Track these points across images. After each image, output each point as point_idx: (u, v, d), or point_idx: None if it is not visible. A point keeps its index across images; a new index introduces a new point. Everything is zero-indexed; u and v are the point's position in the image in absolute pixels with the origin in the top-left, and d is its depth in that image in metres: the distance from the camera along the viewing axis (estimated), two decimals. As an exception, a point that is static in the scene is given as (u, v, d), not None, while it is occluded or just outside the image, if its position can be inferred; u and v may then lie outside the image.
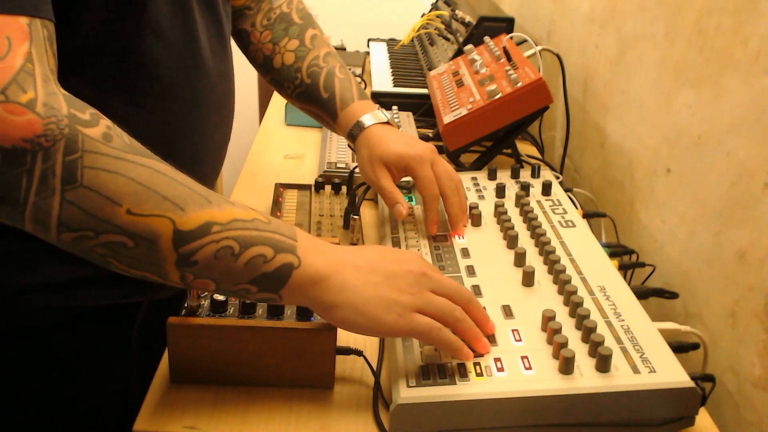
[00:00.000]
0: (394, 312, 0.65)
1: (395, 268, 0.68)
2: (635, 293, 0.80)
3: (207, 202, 0.61)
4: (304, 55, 1.01)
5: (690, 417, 0.69)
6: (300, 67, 1.00)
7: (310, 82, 0.99)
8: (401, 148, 0.91)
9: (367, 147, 0.93)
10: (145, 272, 0.61)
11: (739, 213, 0.84)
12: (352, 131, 0.95)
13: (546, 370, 0.68)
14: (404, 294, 0.66)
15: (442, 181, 0.90)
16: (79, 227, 0.57)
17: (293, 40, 1.02)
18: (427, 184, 0.90)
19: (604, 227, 1.13)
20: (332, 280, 0.65)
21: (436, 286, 0.68)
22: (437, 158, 0.92)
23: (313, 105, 1.00)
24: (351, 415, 0.70)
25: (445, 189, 0.90)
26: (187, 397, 0.70)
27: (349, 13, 2.58)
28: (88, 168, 0.57)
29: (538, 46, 1.34)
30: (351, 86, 0.99)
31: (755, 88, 0.82)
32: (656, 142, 1.06)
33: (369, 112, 0.96)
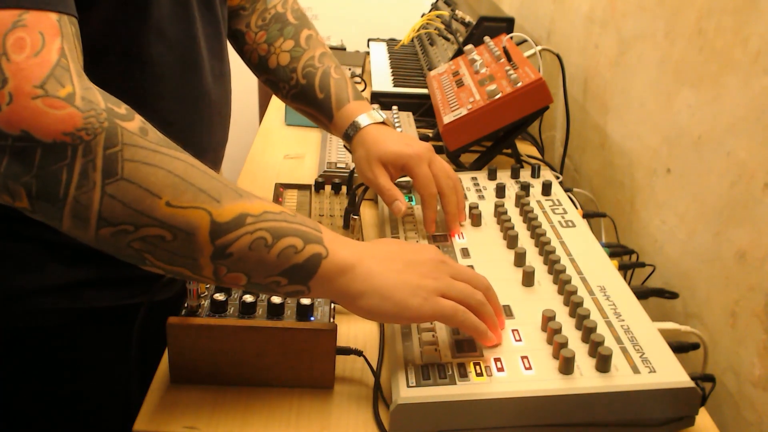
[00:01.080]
0: (419, 296, 0.66)
1: (415, 256, 0.69)
2: (635, 293, 0.80)
3: (239, 195, 0.62)
4: (299, 55, 1.00)
5: (690, 417, 0.69)
6: (295, 68, 1.00)
7: (305, 82, 0.99)
8: (399, 147, 0.91)
9: (364, 147, 0.93)
10: (180, 267, 0.61)
11: (739, 213, 0.84)
12: (348, 131, 0.95)
13: (546, 370, 0.68)
14: (427, 278, 0.67)
15: (440, 180, 0.90)
16: (120, 221, 0.57)
17: (288, 40, 1.01)
18: (425, 182, 0.90)
19: (604, 227, 1.13)
20: (358, 269, 0.65)
21: (456, 272, 0.70)
22: (435, 157, 0.92)
23: (309, 105, 1.00)
24: (351, 415, 0.70)
25: (443, 187, 0.90)
26: (187, 397, 0.70)
27: (349, 13, 2.58)
28: (128, 161, 0.57)
29: (538, 46, 1.34)
30: (347, 86, 0.99)
31: (755, 88, 0.82)
32: (656, 142, 1.07)
33: (365, 112, 0.96)
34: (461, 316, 0.67)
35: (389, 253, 0.69)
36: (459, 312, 0.67)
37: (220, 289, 0.73)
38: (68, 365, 0.85)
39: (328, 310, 0.73)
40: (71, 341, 0.84)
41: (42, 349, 0.83)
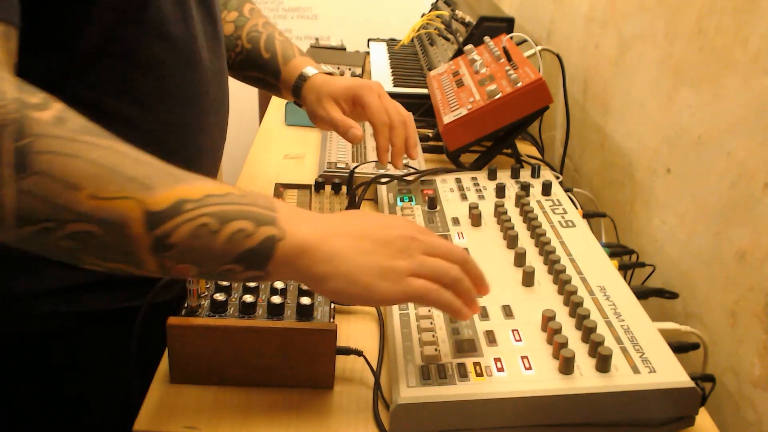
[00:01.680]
0: (389, 279, 0.62)
1: (385, 233, 0.65)
2: (635, 293, 0.80)
3: (177, 180, 0.58)
4: (243, 23, 1.02)
5: (690, 417, 0.69)
6: (240, 35, 1.02)
7: (250, 47, 1.01)
8: (348, 81, 0.94)
9: (314, 91, 0.95)
10: (120, 263, 0.57)
11: (739, 213, 0.84)
12: (297, 83, 0.97)
13: (546, 370, 0.68)
14: (396, 259, 0.63)
15: (390, 112, 0.92)
16: (40, 218, 0.53)
17: (232, 12, 1.03)
18: (375, 110, 0.92)
19: (604, 227, 1.13)
20: (320, 250, 0.61)
21: (429, 247, 0.65)
22: (384, 92, 0.95)
23: (255, 69, 1.01)
24: (351, 415, 0.70)
25: (392, 120, 0.92)
26: (187, 397, 0.70)
27: (349, 13, 2.58)
28: (41, 153, 0.53)
29: (538, 46, 1.34)
30: (291, 46, 1.01)
31: (755, 88, 0.82)
32: (656, 142, 1.07)
33: (311, 65, 0.98)
34: (434, 296, 0.63)
35: (357, 230, 0.64)
36: (432, 291, 0.63)
37: (220, 288, 0.73)
38: (68, 367, 0.85)
39: (328, 310, 0.73)
40: (71, 344, 0.84)
41: (41, 351, 0.83)
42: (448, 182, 1.08)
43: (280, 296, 0.72)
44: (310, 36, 2.55)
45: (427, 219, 0.97)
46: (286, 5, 2.58)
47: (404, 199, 1.03)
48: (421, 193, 1.04)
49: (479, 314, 0.76)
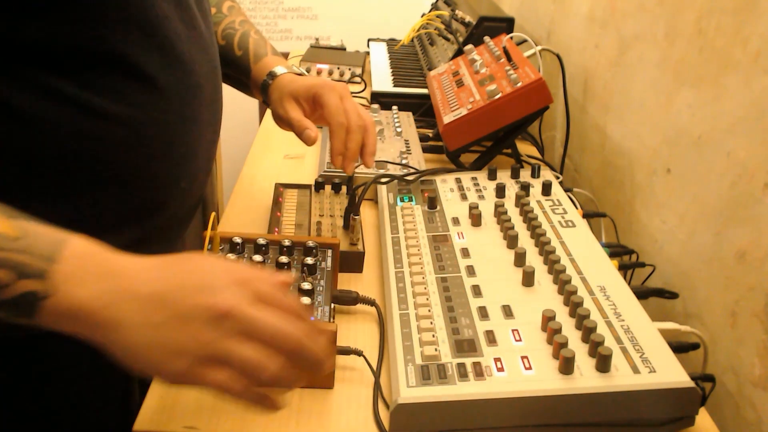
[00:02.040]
0: (182, 362, 0.51)
1: (192, 301, 0.52)
2: (635, 293, 0.80)
3: None
4: (219, 20, 1.00)
5: (690, 417, 0.69)
6: (216, 31, 0.99)
7: (224, 43, 0.99)
8: (312, 81, 0.91)
9: (278, 89, 0.93)
10: None
11: (739, 213, 0.84)
12: (265, 81, 0.94)
13: (546, 370, 0.68)
14: (195, 340, 0.52)
15: (350, 115, 0.88)
16: None
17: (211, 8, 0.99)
18: (333, 110, 0.88)
19: (604, 227, 1.13)
20: (98, 316, 0.52)
21: (248, 327, 0.52)
22: (348, 95, 0.91)
23: (227, 66, 0.98)
24: (351, 415, 0.70)
25: (351, 122, 0.88)
26: (187, 397, 0.70)
27: (349, 13, 2.58)
28: None
29: (538, 46, 1.34)
30: (265, 44, 0.98)
31: (755, 88, 0.82)
32: (656, 142, 1.06)
33: (282, 65, 0.95)
34: (235, 395, 0.53)
35: (159, 294, 0.53)
36: (234, 390, 0.52)
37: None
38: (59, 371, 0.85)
39: (329, 310, 0.73)
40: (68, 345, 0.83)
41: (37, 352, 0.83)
42: (448, 182, 1.08)
43: (280, 296, 0.71)
44: (310, 36, 2.55)
45: (427, 219, 0.97)
46: (286, 5, 2.57)
47: (404, 199, 1.03)
48: (421, 193, 1.04)
49: (479, 314, 0.76)
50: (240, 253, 0.81)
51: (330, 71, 1.76)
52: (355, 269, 0.93)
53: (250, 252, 0.82)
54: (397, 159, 1.19)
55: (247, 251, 0.82)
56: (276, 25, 2.59)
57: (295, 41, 2.58)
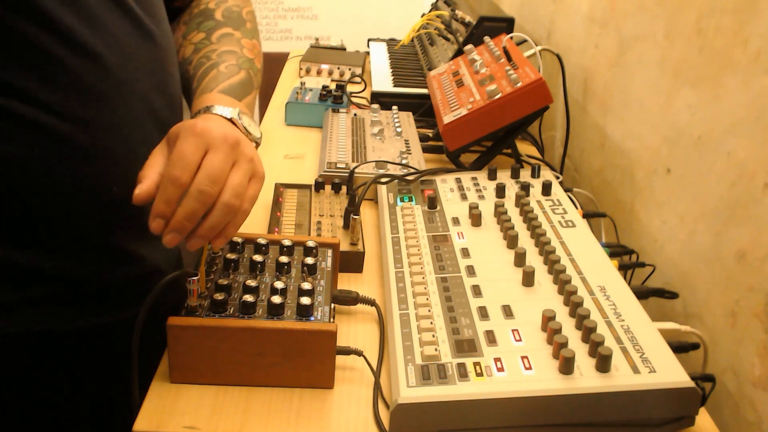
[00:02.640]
0: None
1: None
2: (635, 293, 0.80)
3: None
4: (201, 48, 0.88)
5: (690, 417, 0.69)
6: (191, 59, 0.88)
7: (191, 74, 0.87)
8: (203, 123, 0.68)
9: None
10: None
11: (739, 213, 0.84)
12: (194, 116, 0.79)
13: (546, 370, 0.68)
14: None
15: (198, 174, 0.65)
16: None
17: (200, 33, 0.91)
18: (173, 157, 0.65)
19: (604, 227, 1.14)
20: None
21: None
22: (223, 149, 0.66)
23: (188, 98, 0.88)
24: (351, 415, 0.70)
25: (193, 185, 0.64)
26: (187, 397, 0.70)
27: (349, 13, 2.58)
28: None
29: (538, 46, 1.34)
30: (226, 80, 0.83)
31: (755, 88, 0.82)
32: (656, 142, 1.07)
33: (223, 104, 0.77)
34: None
35: None
36: None
37: (220, 288, 0.73)
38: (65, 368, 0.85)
39: (329, 310, 0.73)
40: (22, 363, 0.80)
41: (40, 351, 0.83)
42: (448, 182, 1.08)
43: (280, 296, 0.72)
44: (310, 36, 2.55)
45: (427, 219, 0.97)
46: (286, 5, 2.58)
47: (404, 199, 1.03)
48: (421, 193, 1.04)
49: (479, 314, 0.76)
50: (240, 253, 0.81)
51: (330, 71, 1.76)
52: (355, 269, 0.93)
53: (250, 252, 0.82)
54: (397, 159, 1.19)
55: (247, 251, 0.82)
56: (276, 25, 2.59)
57: (295, 41, 2.58)
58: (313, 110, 1.44)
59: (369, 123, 1.34)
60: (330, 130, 1.30)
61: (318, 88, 1.52)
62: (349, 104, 1.47)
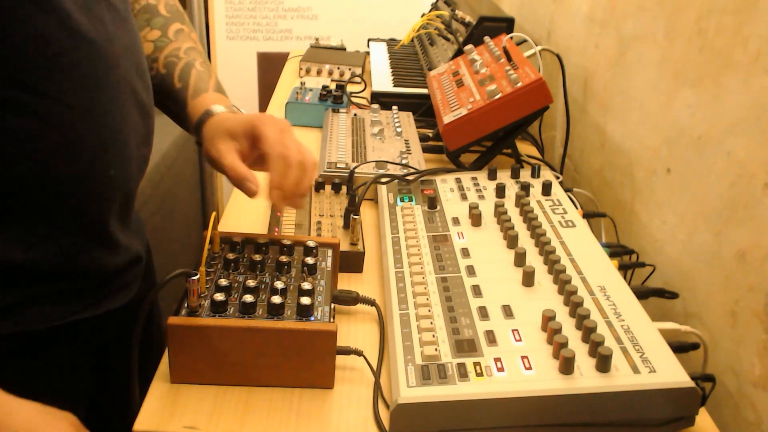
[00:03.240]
0: None
1: None
2: (635, 293, 0.80)
3: None
4: (163, 45, 0.92)
5: (690, 417, 0.69)
6: (157, 58, 0.91)
7: (165, 72, 0.90)
8: (250, 115, 0.82)
9: (213, 126, 0.84)
10: None
11: (739, 213, 0.84)
12: (200, 119, 0.86)
13: (546, 370, 0.68)
14: None
15: (290, 150, 0.79)
16: None
17: (155, 30, 0.93)
18: (272, 142, 0.78)
19: (604, 227, 1.13)
20: None
21: None
22: (290, 129, 0.82)
23: (165, 97, 0.91)
24: (351, 415, 0.70)
25: (290, 158, 0.78)
26: (187, 397, 0.70)
27: (349, 13, 2.58)
28: None
29: (538, 46, 1.34)
30: (209, 78, 0.90)
31: (755, 88, 0.82)
32: (656, 142, 1.07)
33: (223, 103, 0.87)
34: None
35: None
36: None
37: (221, 288, 0.73)
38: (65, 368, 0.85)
39: (329, 310, 0.73)
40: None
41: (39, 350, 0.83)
42: (448, 182, 1.08)
43: (280, 296, 0.72)
44: (310, 36, 2.55)
45: (427, 219, 0.97)
46: (286, 5, 2.58)
47: (404, 199, 1.03)
48: (421, 193, 1.04)
49: (479, 314, 0.76)
50: (240, 253, 0.81)
51: (330, 71, 1.76)
52: (355, 269, 0.93)
53: (250, 252, 0.82)
54: (397, 159, 1.19)
55: (247, 251, 0.82)
56: (276, 25, 2.59)
57: (295, 41, 2.58)
58: (313, 110, 1.44)
59: (369, 123, 1.34)
60: (330, 130, 1.30)
61: (318, 88, 1.52)
62: (349, 104, 1.47)
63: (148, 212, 1.92)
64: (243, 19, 2.58)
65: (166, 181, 2.06)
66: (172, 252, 2.15)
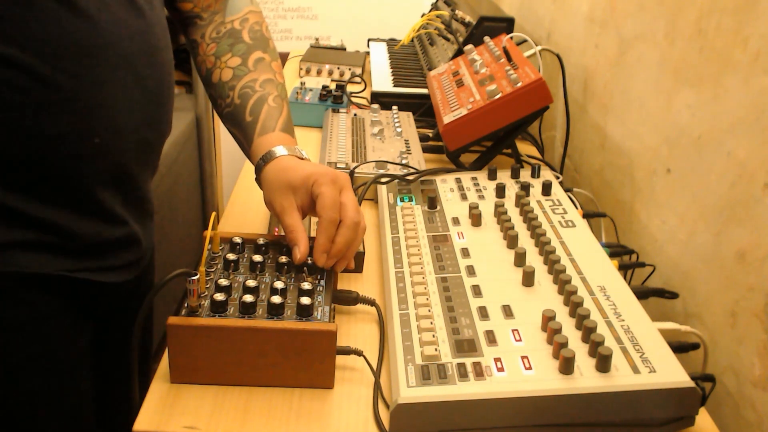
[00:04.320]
0: None
1: None
2: (635, 293, 0.80)
3: None
4: (242, 74, 0.94)
5: (690, 417, 0.69)
6: (234, 86, 0.94)
7: (239, 102, 0.93)
8: (312, 168, 0.83)
9: (275, 173, 0.85)
10: None
11: (739, 213, 0.84)
12: (261, 161, 0.88)
13: (546, 370, 0.68)
14: None
15: (347, 210, 0.81)
16: None
17: (236, 57, 0.96)
18: (327, 203, 0.80)
19: (604, 227, 1.14)
20: None
21: None
22: (349, 187, 0.84)
23: (236, 127, 0.94)
24: (351, 415, 0.70)
25: (346, 218, 0.81)
26: (187, 397, 0.70)
27: (349, 13, 2.58)
28: None
29: (538, 46, 1.34)
30: (279, 116, 0.92)
31: (755, 88, 0.82)
32: (656, 142, 1.07)
33: (287, 145, 0.89)
34: None
35: None
36: None
37: (220, 288, 0.73)
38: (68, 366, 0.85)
39: (329, 310, 0.73)
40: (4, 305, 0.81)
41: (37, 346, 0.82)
42: (448, 182, 1.08)
43: (280, 296, 0.72)
44: (310, 36, 2.55)
45: (427, 219, 0.97)
46: (286, 5, 2.57)
47: (404, 199, 1.03)
48: (421, 193, 1.04)
49: (479, 314, 0.76)
50: (240, 253, 0.81)
51: (330, 71, 1.76)
52: (355, 269, 0.93)
53: (250, 252, 0.82)
54: (397, 159, 1.19)
55: (247, 251, 0.82)
56: (276, 25, 2.59)
57: (295, 41, 2.58)
58: (313, 110, 1.44)
59: (369, 123, 1.34)
60: (330, 130, 1.30)
61: (318, 88, 1.52)
62: (349, 104, 1.47)
63: (148, 212, 1.92)
64: (243, 19, 2.58)
65: (166, 181, 2.06)
66: (172, 252, 2.15)
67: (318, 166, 0.85)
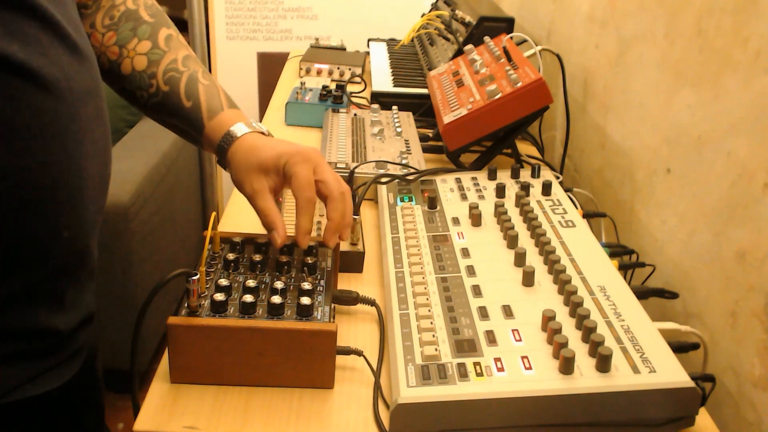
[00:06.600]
0: None
1: None
2: (635, 293, 0.80)
3: None
4: (158, 58, 0.86)
5: (690, 417, 0.69)
6: (155, 73, 0.86)
7: (168, 89, 0.85)
8: (282, 148, 0.80)
9: (243, 153, 0.81)
10: None
11: (739, 213, 0.84)
12: (222, 143, 0.83)
13: (546, 370, 0.68)
14: None
15: (330, 184, 0.79)
16: None
17: (144, 41, 0.87)
18: (303, 184, 0.77)
19: (604, 227, 1.14)
20: None
21: None
22: (323, 162, 0.81)
23: (173, 116, 0.87)
24: (351, 415, 0.70)
25: (331, 191, 0.79)
26: (187, 397, 0.70)
27: (349, 13, 2.58)
28: None
29: (538, 46, 1.34)
30: (218, 93, 0.86)
31: (755, 88, 0.82)
32: (656, 142, 1.07)
33: (242, 121, 0.84)
34: None
35: None
36: None
37: (221, 289, 0.73)
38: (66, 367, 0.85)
39: (329, 310, 0.73)
40: None
41: None
42: (448, 182, 1.08)
43: (280, 296, 0.72)
44: (310, 36, 2.55)
45: (427, 219, 0.97)
46: (286, 5, 2.58)
47: (404, 199, 1.03)
48: (421, 193, 1.04)
49: (479, 314, 0.76)
50: (240, 253, 0.81)
51: (330, 71, 1.76)
52: (355, 269, 0.93)
53: (250, 252, 0.82)
54: (397, 159, 1.19)
55: (247, 251, 0.82)
56: (276, 25, 2.59)
57: (295, 41, 2.58)
58: (313, 110, 1.44)
59: (369, 123, 1.34)
60: (330, 130, 1.30)
61: (318, 88, 1.52)
62: (349, 104, 1.47)
63: (148, 212, 1.92)
64: (243, 19, 2.58)
65: (166, 181, 2.06)
66: (172, 252, 2.15)
67: (287, 143, 0.82)
